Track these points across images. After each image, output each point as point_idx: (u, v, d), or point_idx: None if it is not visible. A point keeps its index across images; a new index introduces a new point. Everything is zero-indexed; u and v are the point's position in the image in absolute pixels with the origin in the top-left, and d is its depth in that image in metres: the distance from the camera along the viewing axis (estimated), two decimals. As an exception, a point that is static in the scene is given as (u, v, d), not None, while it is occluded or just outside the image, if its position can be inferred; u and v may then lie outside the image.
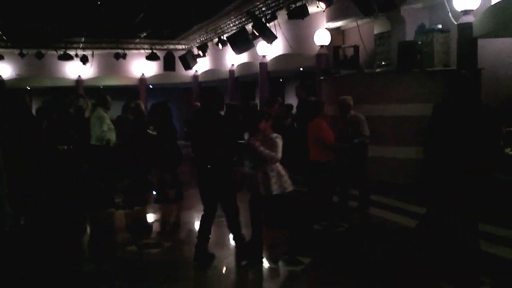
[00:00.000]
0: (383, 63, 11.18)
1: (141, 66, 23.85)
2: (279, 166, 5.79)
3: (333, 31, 14.09)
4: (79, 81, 23.76)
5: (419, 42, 10.07)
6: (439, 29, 10.14)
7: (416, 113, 9.36)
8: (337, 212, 7.67)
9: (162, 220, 8.52)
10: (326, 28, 13.99)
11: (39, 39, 19.78)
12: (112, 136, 8.96)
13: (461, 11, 9.41)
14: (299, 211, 6.15)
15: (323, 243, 6.67)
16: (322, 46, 14.20)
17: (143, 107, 10.23)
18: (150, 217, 8.69)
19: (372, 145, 9.67)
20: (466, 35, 9.33)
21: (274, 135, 5.84)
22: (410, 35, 10.77)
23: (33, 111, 8.82)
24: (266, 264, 5.83)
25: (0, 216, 3.89)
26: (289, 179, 5.84)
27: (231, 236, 6.19)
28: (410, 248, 6.02)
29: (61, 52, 20.33)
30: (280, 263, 5.84)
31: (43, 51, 20.25)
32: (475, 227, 4.95)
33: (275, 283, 5.35)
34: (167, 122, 9.61)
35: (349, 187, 7.92)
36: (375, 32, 12.19)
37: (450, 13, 9.60)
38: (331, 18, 13.57)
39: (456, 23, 9.55)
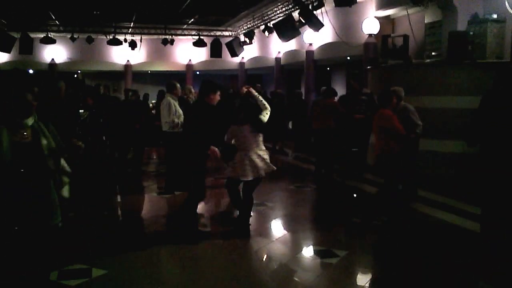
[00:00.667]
0: (433, 53, 10.80)
1: (188, 52, 24.02)
2: (259, 151, 6.21)
3: (382, 20, 13.72)
4: (127, 66, 24.15)
5: (471, 33, 9.66)
6: (494, 19, 9.69)
7: (465, 106, 8.99)
8: (378, 205, 7.49)
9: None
10: (375, 17, 13.63)
11: (90, 23, 20.16)
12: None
13: (518, 0, 8.98)
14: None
15: (362, 237, 6.52)
16: (370, 35, 13.85)
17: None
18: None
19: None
20: (523, 26, 8.91)
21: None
22: (462, 25, 10.34)
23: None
24: (299, 255, 5.73)
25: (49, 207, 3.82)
26: (265, 164, 6.23)
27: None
28: (450, 245, 5.83)
29: (111, 37, 20.63)
30: (315, 255, 5.76)
31: (93, 35, 20.62)
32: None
33: (307, 274, 5.23)
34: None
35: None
36: (426, 21, 11.76)
37: (506, 2, 9.15)
38: (380, 6, 13.21)
39: (512, 12, 9.12)
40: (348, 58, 16.27)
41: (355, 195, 9.01)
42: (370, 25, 13.61)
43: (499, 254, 5.27)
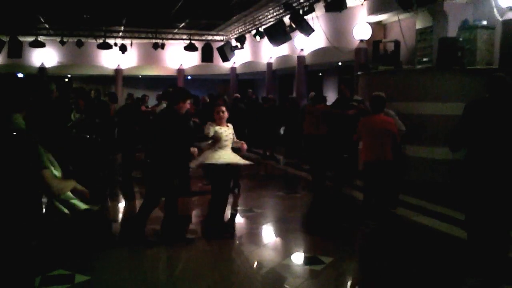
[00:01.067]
0: (423, 59, 10.80)
1: (179, 57, 23.97)
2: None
3: (374, 25, 13.72)
4: (118, 70, 24.05)
5: (461, 39, 9.66)
6: (483, 25, 9.69)
7: (455, 112, 8.90)
8: (364, 211, 7.46)
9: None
10: (366, 22, 13.62)
11: (80, 27, 20.07)
12: None
13: (507, 7, 8.98)
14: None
15: (348, 243, 6.50)
16: (361, 40, 13.84)
17: None
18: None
19: (409, 144, 9.38)
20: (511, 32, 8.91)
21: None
22: (453, 31, 10.34)
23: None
24: (285, 262, 5.67)
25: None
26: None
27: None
28: (437, 251, 5.80)
29: (101, 41, 20.53)
30: (300, 262, 5.73)
31: (83, 39, 20.52)
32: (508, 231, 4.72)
33: (292, 281, 5.15)
34: None
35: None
36: (417, 27, 11.77)
37: (495, 9, 9.17)
38: (372, 11, 13.21)
39: (501, 19, 9.11)
40: (340, 63, 16.26)
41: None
42: (361, 31, 13.60)
43: (485, 246, 5.24)
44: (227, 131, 6.58)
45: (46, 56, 22.69)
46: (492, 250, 4.75)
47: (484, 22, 9.75)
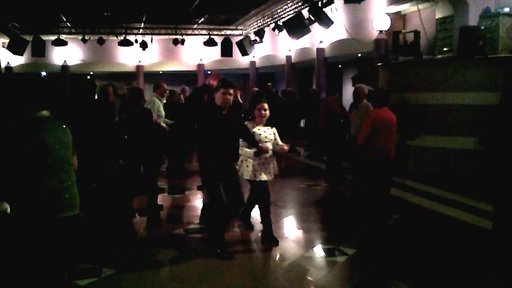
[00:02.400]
0: (444, 49, 10.67)
1: (199, 52, 24.02)
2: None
3: (393, 16, 13.61)
4: (139, 66, 24.23)
5: (482, 27, 9.52)
6: (506, 13, 9.53)
7: (476, 102, 8.87)
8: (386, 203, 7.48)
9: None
10: (385, 13, 13.52)
11: (101, 24, 20.27)
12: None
13: (530, -7, 8.82)
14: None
15: (371, 234, 6.51)
16: (381, 32, 13.74)
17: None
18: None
19: (430, 135, 9.32)
20: (536, 19, 8.76)
21: None
22: (474, 20, 10.21)
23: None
24: (307, 254, 5.71)
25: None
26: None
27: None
28: (460, 243, 5.77)
29: (121, 38, 20.71)
30: (323, 254, 5.75)
31: (104, 37, 20.71)
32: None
33: (316, 273, 5.19)
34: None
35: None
36: (437, 16, 11.63)
37: (518, -4, 9.03)
38: (391, 2, 13.12)
39: (524, 6, 8.98)
40: (359, 55, 16.17)
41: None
42: (380, 22, 13.49)
43: (509, 253, 5.21)
44: (266, 132, 6.06)
45: (68, 54, 22.96)
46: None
47: (507, 9, 9.58)
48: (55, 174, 3.67)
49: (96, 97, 7.31)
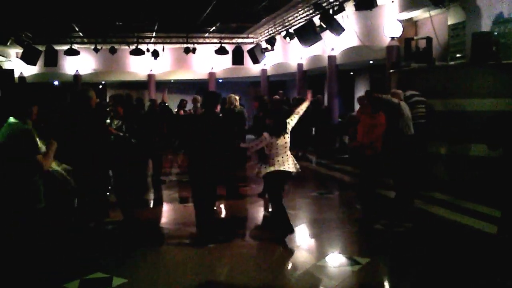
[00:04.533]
0: (457, 55, 10.60)
1: (210, 61, 24.07)
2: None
3: (405, 22, 13.53)
4: (150, 75, 24.32)
5: (495, 33, 9.44)
6: (519, 18, 9.46)
7: (492, 108, 8.77)
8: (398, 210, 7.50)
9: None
10: (397, 19, 13.45)
11: (112, 34, 20.38)
12: None
13: (544, -2, 8.72)
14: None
15: (384, 243, 6.42)
16: (393, 38, 13.67)
17: None
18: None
19: (442, 141, 9.23)
20: (549, 25, 8.66)
21: None
22: (486, 26, 10.12)
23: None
24: (320, 263, 5.64)
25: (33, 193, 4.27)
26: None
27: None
28: (472, 249, 5.70)
29: (133, 47, 20.81)
30: (336, 263, 5.68)
31: (116, 46, 20.83)
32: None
33: (329, 282, 5.12)
34: None
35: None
36: (449, 22, 11.57)
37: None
38: (403, 9, 13.05)
39: (538, 11, 8.88)
40: (371, 62, 16.10)
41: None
42: (392, 28, 13.42)
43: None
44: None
45: (80, 63, 23.11)
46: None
47: (520, 15, 9.52)
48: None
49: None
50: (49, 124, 6.02)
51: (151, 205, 9.21)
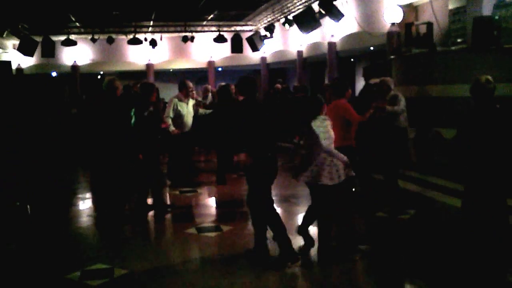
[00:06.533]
0: (458, 40, 10.50)
1: (209, 49, 23.97)
2: None
3: (405, 7, 13.39)
4: (149, 65, 24.23)
5: (497, 17, 9.34)
6: (522, 2, 9.36)
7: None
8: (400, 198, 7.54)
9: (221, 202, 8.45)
10: (397, 4, 13.33)
11: (110, 24, 20.26)
12: None
13: (546, -19, 8.62)
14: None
15: (386, 231, 6.41)
16: (393, 24, 13.55)
17: None
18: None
19: (444, 128, 9.17)
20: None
21: None
22: (488, 10, 10.01)
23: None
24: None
25: None
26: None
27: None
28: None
29: (131, 37, 20.70)
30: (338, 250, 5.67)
31: (113, 36, 20.72)
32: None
33: (330, 270, 5.10)
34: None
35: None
36: (450, 7, 11.45)
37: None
38: (403, -6, 12.94)
39: (541, -6, 8.78)
40: (372, 48, 15.99)
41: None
42: (392, 14, 13.28)
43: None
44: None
45: (78, 54, 23.02)
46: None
47: (522, -2, 9.41)
48: None
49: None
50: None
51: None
